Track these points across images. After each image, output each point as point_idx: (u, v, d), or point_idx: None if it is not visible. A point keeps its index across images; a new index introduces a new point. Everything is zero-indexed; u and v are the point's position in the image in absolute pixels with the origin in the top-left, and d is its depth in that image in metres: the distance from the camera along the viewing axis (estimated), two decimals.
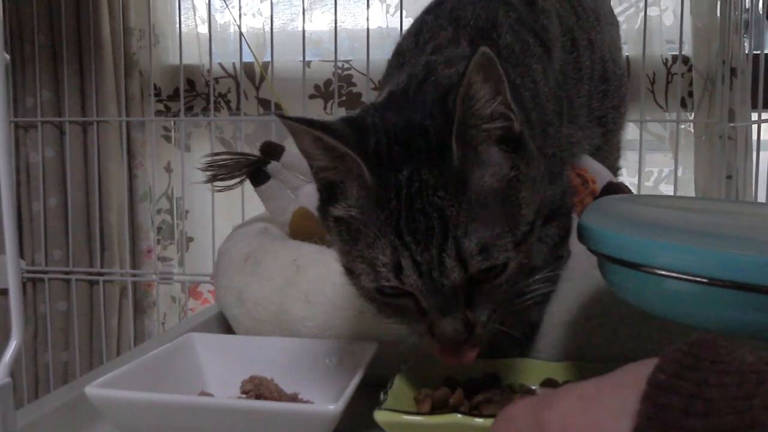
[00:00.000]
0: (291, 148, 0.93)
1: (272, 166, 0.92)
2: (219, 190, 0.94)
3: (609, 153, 0.90)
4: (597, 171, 0.78)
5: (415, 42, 0.66)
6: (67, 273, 1.64)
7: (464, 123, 0.47)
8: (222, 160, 0.91)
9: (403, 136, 0.49)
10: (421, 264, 0.47)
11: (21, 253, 1.67)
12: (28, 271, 1.66)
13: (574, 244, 0.69)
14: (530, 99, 0.62)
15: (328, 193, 0.52)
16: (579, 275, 0.69)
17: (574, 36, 0.76)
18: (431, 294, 0.48)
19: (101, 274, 1.64)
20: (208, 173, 0.90)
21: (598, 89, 0.82)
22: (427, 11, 0.70)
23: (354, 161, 0.49)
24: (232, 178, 0.92)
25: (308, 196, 0.89)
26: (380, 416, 0.47)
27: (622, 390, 0.30)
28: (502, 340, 0.62)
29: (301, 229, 0.89)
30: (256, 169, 0.92)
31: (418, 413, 0.48)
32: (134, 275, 1.67)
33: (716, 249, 0.43)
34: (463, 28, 0.63)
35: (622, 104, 0.91)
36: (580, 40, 0.77)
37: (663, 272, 0.45)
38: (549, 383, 0.60)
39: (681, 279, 0.44)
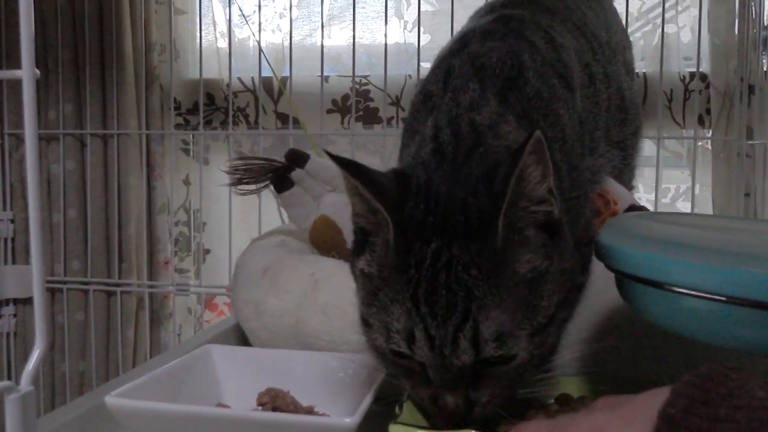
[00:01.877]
0: (315, 157, 0.93)
1: (296, 173, 0.92)
2: (242, 194, 0.94)
3: (626, 174, 0.91)
4: (619, 193, 0.78)
5: (443, 89, 0.64)
6: (85, 284, 1.66)
7: (514, 204, 0.47)
8: (247, 164, 0.91)
9: (442, 207, 0.48)
10: (435, 338, 0.46)
11: None
12: (48, 281, 1.67)
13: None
14: (559, 150, 0.61)
15: (361, 242, 0.52)
16: (594, 294, 0.69)
17: (591, 71, 0.76)
18: (438, 369, 0.47)
19: (119, 285, 1.65)
20: (233, 177, 0.91)
21: (617, 118, 0.82)
22: (452, 54, 0.68)
23: (384, 219, 0.48)
24: (256, 182, 0.92)
25: (331, 205, 0.90)
26: (395, 430, 0.47)
27: (633, 424, 0.31)
28: None
29: (321, 238, 0.89)
30: (280, 176, 0.92)
31: (432, 428, 0.48)
32: (151, 286, 1.68)
33: (735, 267, 0.43)
34: (490, 80, 0.62)
35: (639, 129, 0.91)
36: (597, 74, 0.77)
37: (681, 290, 0.45)
38: (563, 398, 0.60)
39: (699, 297, 0.44)
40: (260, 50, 1.53)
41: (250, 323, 0.81)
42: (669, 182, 1.54)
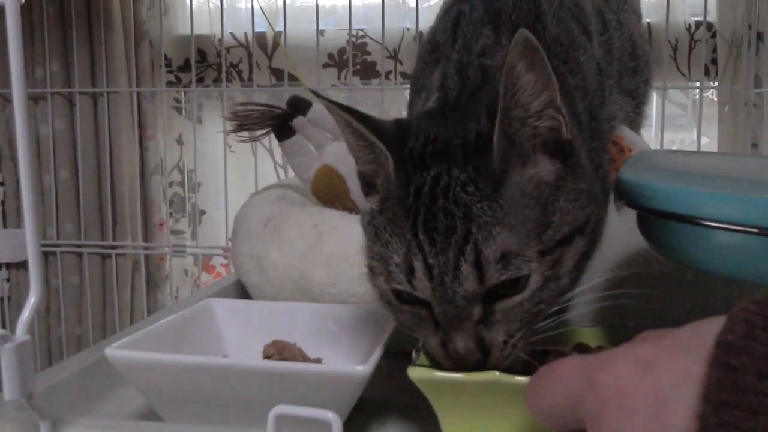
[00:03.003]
0: (318, 105, 0.90)
1: (298, 121, 0.89)
2: (242, 140, 0.92)
3: (637, 122, 0.88)
4: (633, 141, 0.76)
5: (452, 37, 0.61)
6: (78, 246, 1.63)
7: (507, 114, 0.44)
8: (248, 110, 0.88)
9: (443, 138, 0.46)
10: (433, 267, 0.43)
11: None
12: (41, 245, 1.64)
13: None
14: (582, 99, 0.58)
15: (367, 188, 0.50)
16: (606, 242, 0.67)
17: (604, 17, 0.74)
18: (442, 303, 0.43)
19: (113, 248, 1.63)
20: (234, 123, 0.88)
21: (628, 66, 0.80)
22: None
23: (382, 154, 0.46)
24: (257, 129, 0.90)
25: (334, 154, 0.87)
26: (414, 373, 0.44)
27: (685, 353, 0.28)
28: None
29: (323, 187, 0.87)
30: (281, 123, 0.89)
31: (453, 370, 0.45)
32: (147, 248, 1.66)
33: (765, 196, 0.40)
34: (504, 24, 0.58)
35: (650, 77, 0.88)
36: (610, 21, 0.75)
37: (711, 223, 0.42)
38: (581, 348, 0.58)
39: (730, 230, 0.41)
40: (253, 3, 1.48)
41: (252, 278, 0.79)
42: (673, 134, 1.51)
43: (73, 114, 1.61)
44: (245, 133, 0.91)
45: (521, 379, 0.42)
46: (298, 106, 0.90)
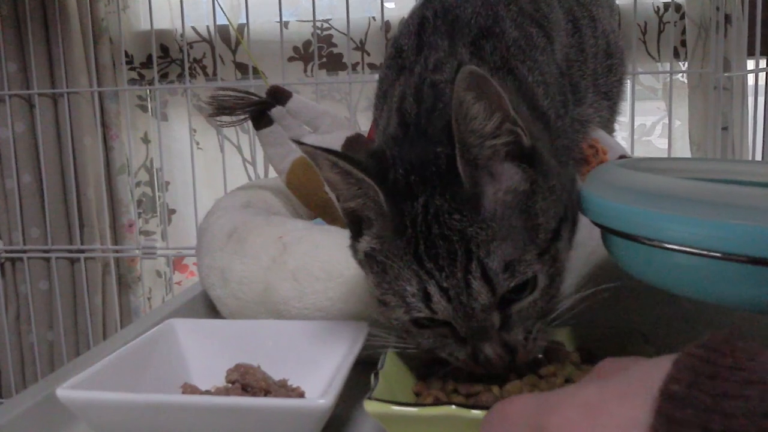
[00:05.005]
0: (298, 96, 0.90)
1: (277, 110, 0.89)
2: (220, 125, 0.91)
3: (611, 122, 0.88)
4: (609, 144, 0.76)
5: (417, 44, 0.62)
6: (46, 251, 1.59)
7: (464, 143, 0.46)
8: (226, 96, 0.87)
9: (418, 165, 0.48)
10: (449, 289, 0.45)
11: None
12: (6, 251, 1.61)
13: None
14: (543, 95, 0.59)
15: (356, 227, 0.52)
16: (580, 246, 0.66)
17: (575, 16, 0.73)
18: (463, 320, 0.46)
19: (82, 251, 1.59)
20: (212, 107, 0.87)
21: (603, 65, 0.79)
22: (426, 4, 0.65)
23: (371, 189, 0.48)
24: (235, 115, 0.89)
25: (312, 143, 0.86)
26: (370, 407, 0.44)
27: (631, 399, 0.27)
28: None
29: (298, 180, 0.87)
30: (259, 111, 0.89)
31: (410, 404, 0.44)
32: (116, 251, 1.63)
33: (730, 221, 0.39)
34: (461, 31, 0.60)
35: (624, 76, 0.88)
36: (581, 18, 0.74)
37: (672, 246, 0.41)
38: (554, 345, 0.58)
39: (692, 254, 0.40)
40: None
41: (217, 291, 0.77)
42: (644, 118, 1.50)
43: (33, 116, 1.57)
44: (225, 118, 0.89)
45: (477, 413, 0.41)
46: (278, 96, 0.89)
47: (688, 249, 0.41)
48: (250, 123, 1.54)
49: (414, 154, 0.49)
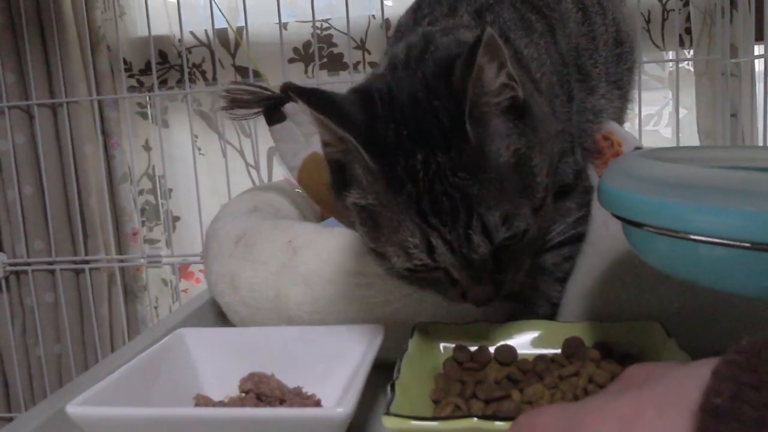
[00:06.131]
0: None
1: (289, 106, 0.88)
2: (233, 118, 0.91)
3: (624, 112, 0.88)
4: (623, 136, 0.74)
5: (413, 18, 0.65)
6: (50, 263, 1.57)
7: (475, 102, 0.48)
8: (240, 92, 0.87)
9: (412, 117, 0.49)
10: (452, 242, 0.48)
11: (0, 247, 1.60)
12: (11, 264, 1.59)
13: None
14: (537, 69, 0.61)
15: (339, 174, 0.52)
16: (593, 242, 0.65)
17: (585, 4, 0.73)
18: (463, 268, 0.50)
19: (86, 262, 1.57)
20: (227, 101, 0.87)
21: (613, 53, 0.78)
22: None
23: (353, 146, 0.48)
24: (248, 109, 0.89)
25: None
26: (389, 423, 0.42)
27: (669, 411, 0.26)
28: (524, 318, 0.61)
29: (310, 177, 0.86)
30: (273, 107, 0.88)
31: (429, 419, 0.43)
32: (121, 260, 1.61)
33: (759, 209, 0.37)
34: (462, 2, 0.63)
35: (635, 64, 0.89)
36: (591, 6, 0.74)
37: (699, 238, 0.39)
38: (573, 342, 0.56)
39: (719, 244, 0.39)
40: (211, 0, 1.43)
41: (226, 298, 0.75)
42: (651, 108, 1.48)
43: (33, 127, 1.55)
44: (239, 111, 0.89)
45: (500, 424, 0.39)
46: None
47: (715, 240, 0.39)
48: (252, 127, 1.53)
49: (405, 104, 0.50)
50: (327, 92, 0.49)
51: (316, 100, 0.48)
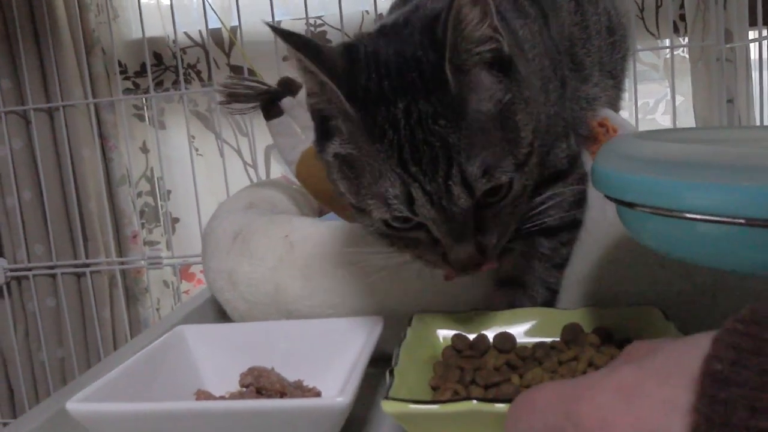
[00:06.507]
0: None
1: (286, 101, 0.88)
2: (230, 113, 0.91)
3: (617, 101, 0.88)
4: (619, 123, 0.74)
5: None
6: (51, 268, 1.58)
7: (456, 48, 0.47)
8: (236, 86, 0.87)
9: (395, 68, 0.48)
10: (432, 193, 0.47)
11: (1, 252, 1.60)
12: (12, 270, 1.59)
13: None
14: (530, 50, 0.60)
15: (322, 125, 0.52)
16: (592, 225, 0.65)
17: None
18: (443, 222, 0.48)
19: (87, 266, 1.57)
20: (224, 95, 0.87)
21: (607, 42, 0.78)
22: None
23: (333, 92, 0.47)
24: (246, 103, 0.89)
25: None
26: (388, 406, 0.42)
27: (669, 380, 0.26)
28: (523, 306, 0.61)
29: (308, 170, 0.86)
30: (270, 101, 0.88)
31: (429, 402, 0.43)
32: (122, 263, 1.61)
33: (753, 184, 0.37)
34: None
35: (628, 53, 0.89)
36: None
37: (693, 216, 0.39)
38: (572, 328, 0.56)
39: (713, 222, 0.39)
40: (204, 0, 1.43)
41: (225, 294, 0.75)
42: (647, 96, 1.48)
43: (30, 131, 1.55)
44: (236, 105, 0.89)
45: (500, 406, 0.39)
46: (289, 86, 0.89)
47: (709, 217, 0.39)
48: (249, 126, 1.53)
49: (389, 56, 0.49)
50: (314, 40, 0.49)
51: (303, 44, 0.47)
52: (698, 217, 0.39)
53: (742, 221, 0.38)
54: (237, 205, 0.87)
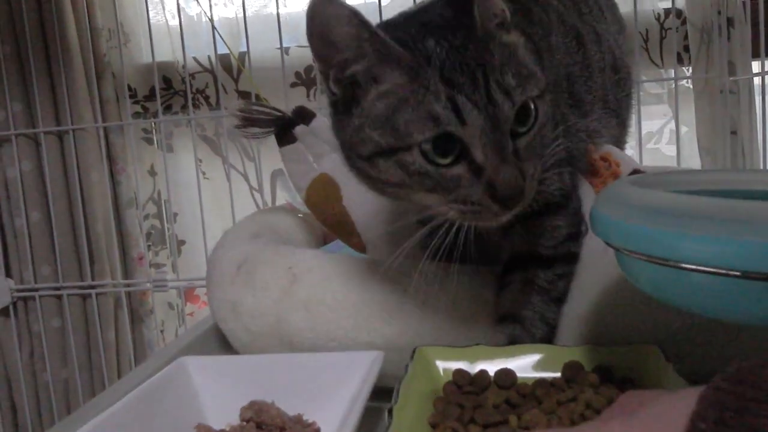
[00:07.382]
0: (321, 116, 0.93)
1: (300, 129, 0.91)
2: (245, 137, 0.93)
3: (622, 137, 0.89)
4: (622, 158, 0.76)
5: None
6: (57, 289, 1.59)
7: (482, 20, 0.53)
8: (251, 112, 0.89)
9: (421, 22, 0.55)
10: (477, 101, 0.51)
11: (8, 272, 1.62)
12: (18, 290, 1.60)
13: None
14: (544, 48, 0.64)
15: (352, 95, 0.55)
16: (590, 263, 0.65)
17: (579, 32, 0.75)
18: (490, 131, 0.51)
19: (93, 287, 1.58)
20: (239, 121, 0.90)
21: (612, 80, 0.79)
22: None
23: (380, 40, 0.52)
24: (260, 129, 0.91)
25: (332, 161, 0.88)
26: None
27: None
28: (522, 342, 0.62)
29: (317, 197, 0.88)
30: (284, 128, 0.90)
31: None
32: (127, 285, 1.62)
33: (749, 238, 0.38)
34: None
35: (632, 90, 0.91)
36: (586, 34, 0.76)
37: (689, 266, 0.40)
38: (572, 366, 0.56)
39: (710, 273, 0.39)
40: (213, 26, 1.45)
41: (229, 324, 0.76)
42: (651, 127, 1.49)
43: (40, 154, 1.57)
44: (252, 129, 0.91)
45: None
46: (303, 115, 0.91)
47: (705, 269, 0.39)
48: (256, 151, 1.55)
49: (414, 20, 0.56)
50: None
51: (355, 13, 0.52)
52: (694, 267, 0.40)
53: (737, 273, 0.38)
54: (242, 234, 0.88)
